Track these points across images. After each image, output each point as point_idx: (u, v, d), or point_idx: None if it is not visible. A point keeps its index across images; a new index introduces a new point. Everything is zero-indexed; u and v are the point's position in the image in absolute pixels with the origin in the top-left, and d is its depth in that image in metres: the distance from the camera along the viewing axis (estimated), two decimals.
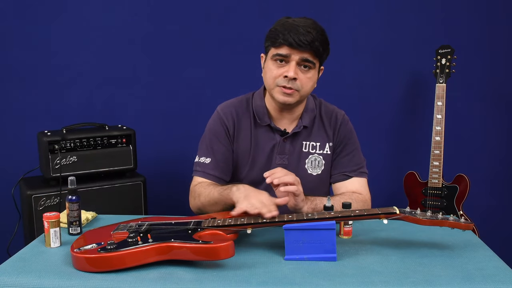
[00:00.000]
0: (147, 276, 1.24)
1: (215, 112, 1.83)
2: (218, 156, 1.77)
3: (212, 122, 1.82)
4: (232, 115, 1.79)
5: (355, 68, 2.87)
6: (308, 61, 1.63)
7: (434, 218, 1.38)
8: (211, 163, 1.76)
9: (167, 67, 2.83)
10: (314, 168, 1.79)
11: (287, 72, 1.62)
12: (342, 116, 1.83)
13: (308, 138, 1.79)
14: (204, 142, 1.81)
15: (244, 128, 1.79)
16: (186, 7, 2.78)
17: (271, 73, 1.67)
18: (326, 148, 1.80)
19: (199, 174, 1.77)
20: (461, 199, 2.63)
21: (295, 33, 1.59)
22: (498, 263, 1.36)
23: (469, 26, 2.83)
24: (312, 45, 1.60)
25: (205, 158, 1.77)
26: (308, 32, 1.60)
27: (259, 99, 1.80)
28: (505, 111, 2.91)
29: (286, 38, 1.60)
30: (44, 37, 2.72)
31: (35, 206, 2.25)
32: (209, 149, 1.78)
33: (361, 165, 1.81)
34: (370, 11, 2.84)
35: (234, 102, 1.84)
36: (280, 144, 1.77)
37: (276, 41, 1.62)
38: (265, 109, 1.78)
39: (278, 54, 1.63)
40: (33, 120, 2.74)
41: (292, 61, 1.63)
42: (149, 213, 2.54)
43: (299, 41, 1.59)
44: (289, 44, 1.60)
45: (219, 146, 1.77)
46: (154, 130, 2.86)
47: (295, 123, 1.79)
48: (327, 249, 1.35)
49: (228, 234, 1.38)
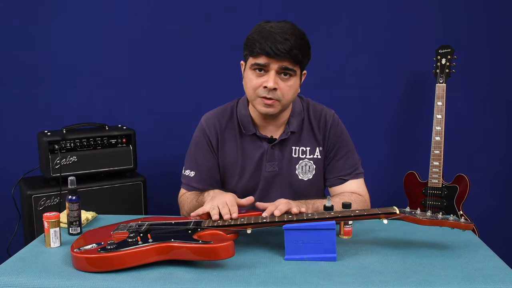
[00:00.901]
0: (147, 276, 1.24)
1: (199, 124, 1.81)
2: (201, 169, 1.77)
3: (196, 135, 1.81)
4: (215, 127, 1.76)
5: (355, 68, 2.87)
6: (288, 69, 1.58)
7: (434, 218, 1.38)
8: (195, 177, 1.77)
9: (167, 67, 2.83)
10: (305, 173, 1.76)
11: (267, 82, 1.58)
12: (331, 117, 1.77)
13: (297, 143, 1.76)
14: (189, 155, 1.81)
15: (229, 139, 1.77)
16: (186, 7, 2.78)
17: (251, 83, 1.62)
18: (316, 153, 1.76)
19: (184, 186, 1.81)
20: (461, 199, 2.63)
21: (272, 41, 1.53)
22: (498, 263, 1.35)
23: (469, 26, 2.83)
24: (290, 53, 1.55)
25: (190, 171, 1.79)
26: (285, 39, 1.54)
27: (243, 107, 1.76)
28: (505, 111, 2.91)
29: (263, 47, 1.54)
30: (44, 37, 2.72)
31: (35, 206, 2.25)
32: (193, 162, 1.79)
33: (356, 166, 1.78)
34: (370, 11, 2.83)
35: (217, 112, 1.80)
36: (268, 152, 1.74)
37: (253, 50, 1.57)
38: (249, 118, 1.74)
39: (256, 64, 1.58)
40: (33, 120, 2.74)
41: (271, 70, 1.57)
42: (149, 213, 2.54)
43: (277, 49, 1.53)
44: (266, 54, 1.55)
45: (202, 159, 1.77)
46: (154, 130, 2.86)
47: (282, 129, 1.75)
48: (327, 249, 1.35)
49: (228, 234, 1.38)
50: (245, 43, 1.64)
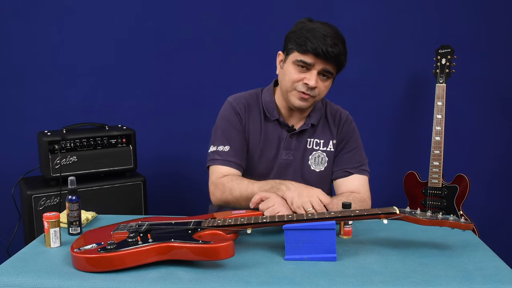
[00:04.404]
0: (147, 276, 1.24)
1: (226, 102, 1.83)
2: (235, 144, 1.75)
3: (226, 111, 1.80)
4: (244, 105, 1.80)
5: (355, 68, 2.87)
6: (329, 72, 1.65)
7: (434, 218, 1.38)
8: (231, 150, 1.74)
9: (167, 67, 2.83)
10: (317, 164, 1.81)
11: (308, 80, 1.64)
12: (346, 115, 1.87)
13: (313, 135, 1.82)
14: (219, 131, 1.78)
15: (255, 120, 1.80)
16: (186, 7, 2.78)
17: (290, 77, 1.67)
18: (329, 145, 1.83)
19: (220, 162, 1.73)
20: (461, 199, 2.63)
21: (323, 43, 1.58)
22: (498, 263, 1.35)
23: (469, 26, 2.83)
24: (337, 58, 1.62)
25: (223, 146, 1.75)
26: (335, 44, 1.60)
27: (269, 95, 1.82)
28: (505, 111, 2.91)
29: (314, 47, 1.59)
30: (44, 37, 2.72)
31: (35, 206, 2.25)
32: (226, 137, 1.76)
33: (362, 163, 1.82)
34: (370, 11, 2.84)
35: (244, 94, 1.85)
36: (286, 140, 1.79)
37: (302, 47, 1.61)
38: (274, 105, 1.80)
39: (302, 61, 1.63)
40: (33, 120, 2.74)
41: (314, 70, 1.64)
42: (149, 213, 2.54)
43: (327, 52, 1.59)
44: (316, 54, 1.60)
45: (236, 133, 1.77)
46: (154, 130, 2.86)
47: (302, 121, 1.82)
48: (327, 249, 1.35)
49: (228, 234, 1.38)
50: (290, 37, 1.67)
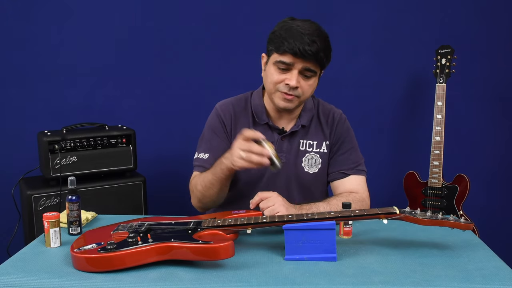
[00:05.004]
0: (147, 276, 1.24)
1: (214, 109, 1.85)
2: (216, 152, 1.76)
3: (211, 119, 1.83)
4: (229, 112, 1.80)
5: (355, 68, 2.87)
6: (310, 70, 1.63)
7: (434, 218, 1.38)
8: (209, 158, 1.76)
9: (167, 67, 2.83)
10: (311, 166, 1.80)
11: (289, 80, 1.62)
12: (339, 115, 1.84)
13: (305, 137, 1.80)
14: (203, 139, 1.82)
15: (242, 126, 1.78)
16: (186, 7, 2.78)
17: (272, 78, 1.66)
18: (323, 147, 1.81)
19: (197, 168, 1.78)
20: (461, 199, 2.63)
21: (300, 41, 1.56)
22: (498, 263, 1.35)
23: (469, 26, 2.83)
24: (316, 56, 1.59)
25: (204, 154, 1.78)
26: (313, 41, 1.57)
27: (258, 98, 1.81)
28: (505, 111, 2.91)
29: (291, 47, 1.57)
30: (44, 37, 2.72)
31: (35, 206, 2.25)
32: (207, 145, 1.79)
33: (358, 163, 1.81)
34: (370, 11, 2.84)
35: (232, 100, 1.85)
36: (278, 143, 1.77)
37: (280, 48, 1.60)
38: (263, 108, 1.79)
39: (281, 61, 1.62)
40: (33, 120, 2.74)
41: (295, 70, 1.62)
42: (149, 213, 2.54)
43: (304, 51, 1.56)
44: (293, 53, 1.58)
45: (218, 141, 1.78)
46: (154, 130, 2.86)
47: (293, 122, 1.80)
48: (327, 249, 1.35)
49: (228, 234, 1.38)
50: (270, 38, 1.67)
